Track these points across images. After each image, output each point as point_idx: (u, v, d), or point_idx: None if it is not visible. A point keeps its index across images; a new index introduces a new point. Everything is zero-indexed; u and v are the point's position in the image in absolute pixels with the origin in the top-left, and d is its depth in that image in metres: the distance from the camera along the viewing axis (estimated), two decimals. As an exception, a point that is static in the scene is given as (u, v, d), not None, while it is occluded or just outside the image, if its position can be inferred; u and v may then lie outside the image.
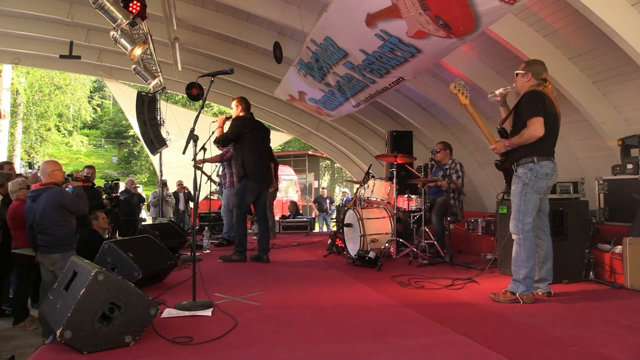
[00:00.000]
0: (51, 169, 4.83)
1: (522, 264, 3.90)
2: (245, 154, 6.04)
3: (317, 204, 16.72)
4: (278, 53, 8.45)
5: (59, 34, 9.73)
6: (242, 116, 6.17)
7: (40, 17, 9.08)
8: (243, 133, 6.02)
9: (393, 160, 6.38)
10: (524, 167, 3.94)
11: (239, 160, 6.13)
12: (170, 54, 9.50)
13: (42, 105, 25.65)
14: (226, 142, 6.12)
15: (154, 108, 10.72)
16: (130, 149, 38.01)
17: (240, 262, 6.03)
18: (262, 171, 6.15)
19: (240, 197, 6.07)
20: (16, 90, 23.77)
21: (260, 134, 6.27)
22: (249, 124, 6.16)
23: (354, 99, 7.95)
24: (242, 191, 6.06)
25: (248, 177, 6.00)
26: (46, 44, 10.44)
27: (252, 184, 6.04)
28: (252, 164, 6.02)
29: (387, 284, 4.67)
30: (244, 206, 6.08)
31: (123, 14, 6.22)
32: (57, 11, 8.70)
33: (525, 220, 3.92)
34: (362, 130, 12.16)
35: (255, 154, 6.06)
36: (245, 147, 6.04)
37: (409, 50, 5.51)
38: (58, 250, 4.63)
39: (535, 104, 3.88)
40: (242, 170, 6.04)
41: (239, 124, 6.07)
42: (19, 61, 11.95)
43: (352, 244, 6.32)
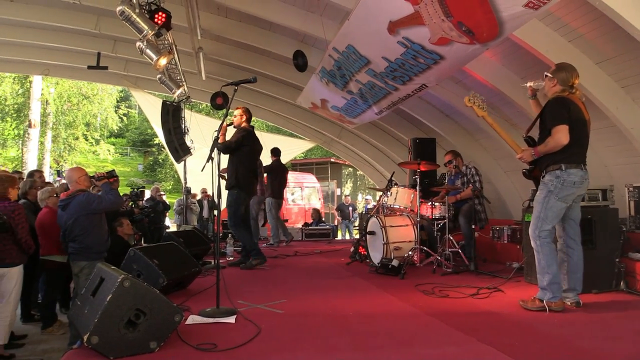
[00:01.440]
0: (77, 176, 4.93)
1: (544, 270, 3.85)
2: (240, 164, 6.23)
3: (340, 211, 16.69)
4: (300, 61, 8.50)
5: (87, 45, 9.97)
6: (247, 128, 6.35)
7: (68, 29, 9.32)
8: (244, 144, 6.20)
9: (416, 168, 6.34)
10: (551, 174, 3.88)
11: (233, 169, 6.26)
12: (195, 64, 9.64)
13: (70, 115, 26.30)
14: (228, 150, 6.21)
15: (178, 117, 10.90)
16: (155, 157, 38.63)
17: (261, 265, 6.09)
18: (252, 184, 6.47)
19: (234, 208, 6.25)
20: (46, 101, 24.44)
21: (257, 148, 6.52)
22: (252, 137, 6.36)
23: (376, 107, 7.94)
24: (235, 202, 6.25)
25: (240, 187, 6.21)
26: (74, 55, 10.70)
27: (243, 194, 6.28)
28: (245, 176, 6.24)
29: (411, 292, 4.63)
30: (239, 215, 6.30)
31: (149, 25, 6.35)
32: (85, 23, 8.93)
33: (543, 227, 3.86)
34: (385, 138, 12.12)
35: (248, 167, 6.31)
36: (242, 159, 6.25)
37: (432, 57, 5.48)
38: (86, 259, 4.70)
39: (558, 112, 3.83)
40: (234, 180, 6.21)
41: (243, 135, 6.22)
42: (49, 72, 12.28)
43: (375, 251, 6.29)
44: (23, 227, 4.60)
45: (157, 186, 14.08)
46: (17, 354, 4.73)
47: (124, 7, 6.02)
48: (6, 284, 4.50)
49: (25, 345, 5.03)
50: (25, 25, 9.25)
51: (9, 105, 24.60)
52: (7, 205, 4.57)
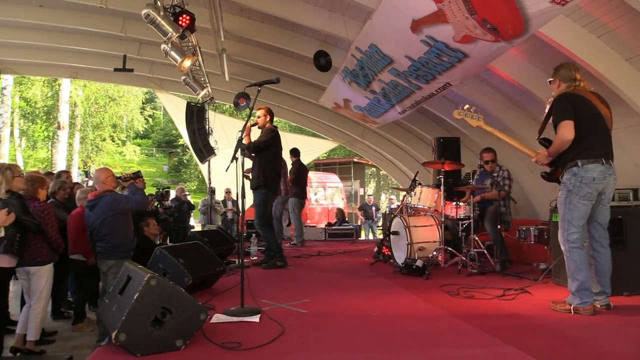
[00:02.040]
0: (104, 177, 5.03)
1: (573, 276, 3.75)
2: (267, 164, 6.26)
3: (363, 211, 16.66)
4: (322, 61, 8.51)
5: (113, 48, 10.16)
6: (274, 128, 6.39)
7: (95, 32, 9.51)
8: (272, 145, 6.24)
9: (440, 167, 6.29)
10: (568, 172, 3.78)
11: (260, 168, 6.28)
12: (218, 65, 9.74)
13: (97, 117, 26.90)
14: (257, 150, 6.24)
15: (202, 118, 11.02)
16: (180, 157, 39.16)
17: (284, 267, 6.12)
18: (278, 183, 6.52)
19: (262, 207, 6.29)
20: (74, 103, 25.02)
21: (281, 148, 6.60)
22: (278, 137, 6.40)
23: (399, 106, 7.90)
24: (262, 202, 6.29)
25: (267, 187, 6.24)
26: (101, 58, 10.92)
27: (270, 194, 6.32)
28: (272, 176, 6.28)
29: (435, 293, 4.60)
30: (267, 216, 6.37)
31: (173, 28, 6.45)
32: (111, 27, 9.10)
33: (570, 230, 3.74)
34: (408, 137, 12.04)
35: (275, 167, 6.35)
36: (269, 159, 6.28)
37: (456, 55, 5.43)
38: (114, 257, 4.79)
39: (561, 108, 3.76)
40: (262, 179, 6.24)
41: (271, 135, 6.25)
42: (77, 75, 12.57)
43: (399, 252, 6.26)
44: (53, 226, 4.73)
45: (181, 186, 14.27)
46: (47, 350, 4.85)
47: (149, 10, 6.13)
48: (38, 282, 4.63)
49: (55, 342, 5.16)
50: (54, 29, 9.49)
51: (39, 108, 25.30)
52: (37, 205, 4.70)
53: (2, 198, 4.32)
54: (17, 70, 12.63)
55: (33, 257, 4.54)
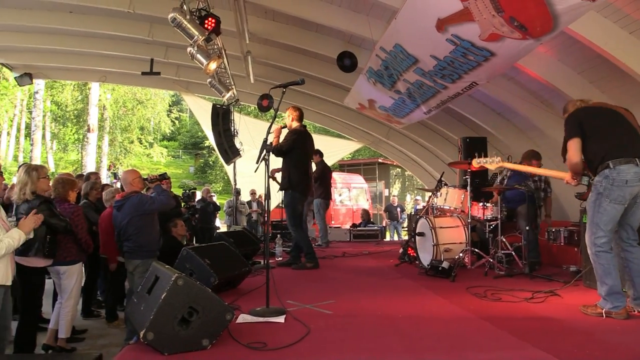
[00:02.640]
0: (132, 178, 5.15)
1: (601, 280, 3.66)
2: (292, 167, 6.26)
3: (388, 212, 16.57)
4: (347, 62, 8.50)
5: (140, 52, 10.36)
6: (298, 130, 6.36)
7: (123, 37, 9.72)
8: (295, 148, 6.22)
9: (466, 168, 6.21)
10: (600, 174, 3.65)
11: (286, 171, 6.32)
12: (243, 67, 9.82)
13: (125, 120, 27.46)
14: (279, 153, 6.27)
15: (228, 119, 11.14)
16: (206, 159, 39.65)
17: (313, 268, 6.14)
18: (306, 184, 6.40)
19: (291, 208, 6.30)
20: (103, 106, 25.60)
21: (310, 148, 6.54)
22: (304, 139, 6.36)
23: (424, 106, 7.84)
24: (291, 203, 6.29)
25: (294, 189, 6.24)
26: (129, 62, 11.15)
27: (298, 195, 6.29)
28: (298, 177, 6.24)
29: (462, 295, 4.55)
30: (298, 216, 6.37)
31: (199, 31, 6.53)
32: (139, 31, 9.28)
33: (598, 234, 3.62)
34: (434, 137, 11.94)
35: (301, 169, 6.31)
36: (294, 161, 6.27)
37: (482, 54, 5.36)
38: (139, 257, 4.89)
39: (567, 129, 3.80)
40: (287, 182, 6.26)
41: (293, 138, 6.25)
42: (106, 79, 12.87)
43: (425, 253, 6.21)
44: (82, 228, 4.85)
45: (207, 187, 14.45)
46: (78, 348, 4.98)
47: (176, 14, 6.22)
48: (68, 281, 4.76)
49: (85, 340, 5.29)
50: (84, 34, 9.72)
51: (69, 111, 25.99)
52: (67, 207, 4.82)
53: (28, 200, 4.39)
54: (48, 75, 13.00)
55: (63, 256, 4.66)
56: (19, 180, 4.46)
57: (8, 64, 11.57)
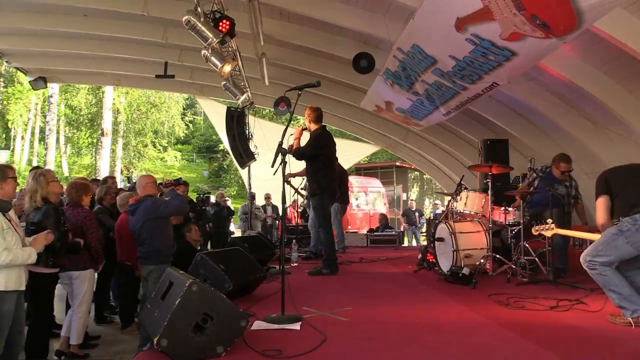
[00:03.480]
0: (145, 182, 5.21)
1: (608, 289, 3.67)
2: (318, 170, 6.29)
3: (406, 217, 16.48)
4: (364, 63, 8.49)
5: (154, 55, 10.48)
6: (321, 134, 6.38)
7: (137, 40, 9.84)
8: (321, 153, 6.25)
9: (487, 171, 6.15)
10: (631, 217, 3.62)
11: (313, 176, 6.35)
12: (258, 69, 9.88)
13: (139, 123, 27.81)
14: (301, 157, 6.29)
15: (242, 123, 11.21)
16: (220, 163, 39.92)
17: (330, 275, 6.12)
18: (334, 187, 6.45)
19: (320, 212, 6.35)
20: (117, 110, 25.95)
21: (334, 150, 6.53)
22: (327, 143, 6.37)
23: (443, 107, 7.79)
24: (320, 206, 6.34)
25: (322, 193, 6.28)
26: (143, 65, 11.29)
27: (327, 199, 6.34)
28: (326, 181, 6.28)
29: (484, 302, 4.49)
30: (328, 218, 6.40)
31: (213, 33, 6.58)
32: (153, 34, 9.40)
33: (596, 260, 3.67)
34: (453, 140, 11.87)
35: (327, 172, 6.33)
36: (320, 166, 6.30)
37: (503, 53, 5.31)
38: (153, 262, 4.92)
39: (596, 187, 3.93)
40: (315, 186, 6.29)
41: (317, 144, 6.26)
42: (119, 82, 13.06)
43: (444, 259, 6.16)
44: (93, 234, 4.88)
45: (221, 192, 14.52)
46: (91, 354, 5.03)
47: (190, 17, 6.29)
48: (79, 286, 4.80)
49: (98, 346, 5.34)
50: (98, 38, 9.87)
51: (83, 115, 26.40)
52: (79, 212, 4.88)
53: (39, 206, 4.37)
54: (63, 79, 13.23)
55: (75, 262, 4.70)
56: (29, 189, 4.42)
57: (22, 68, 11.79)
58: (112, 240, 5.81)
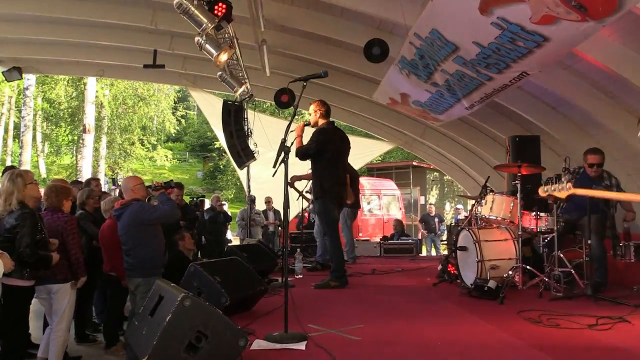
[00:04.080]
0: (133, 184, 5.20)
1: None
2: (323, 171, 6.29)
3: (424, 223, 16.46)
4: (376, 51, 8.49)
5: (142, 42, 10.52)
6: (327, 129, 6.38)
7: (123, 25, 9.88)
8: (325, 150, 6.23)
9: (516, 171, 6.14)
10: None
11: (317, 178, 6.36)
12: (258, 58, 9.90)
13: (125, 118, 27.90)
14: (305, 156, 6.29)
15: (241, 118, 11.22)
16: (215, 163, 40.03)
17: (338, 288, 6.12)
18: (340, 193, 6.43)
19: (324, 217, 6.36)
20: (100, 104, 26.04)
21: (342, 148, 6.53)
22: (334, 138, 6.37)
23: (466, 100, 7.79)
24: (324, 211, 6.33)
25: (325, 196, 6.27)
26: (130, 53, 11.34)
27: (331, 204, 6.31)
28: (330, 185, 6.27)
29: (512, 320, 4.48)
30: (333, 223, 6.39)
31: (208, 18, 6.60)
32: (140, 19, 9.43)
33: None
34: (477, 136, 11.84)
35: (333, 173, 6.32)
36: (324, 165, 6.30)
37: (534, 39, 5.30)
38: (141, 275, 4.92)
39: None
40: (318, 188, 6.31)
41: (322, 139, 6.26)
42: (103, 73, 13.10)
43: (468, 271, 6.14)
44: (74, 241, 4.85)
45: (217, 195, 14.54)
46: (71, 377, 5.04)
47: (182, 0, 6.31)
48: (59, 301, 4.78)
49: (80, 368, 5.34)
50: (79, 23, 9.92)
51: (63, 110, 26.45)
52: (60, 217, 4.87)
53: (13, 210, 4.32)
54: (40, 69, 13.29)
55: (54, 274, 4.68)
56: (3, 190, 4.40)
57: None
58: (94, 249, 5.82)
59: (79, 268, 4.89)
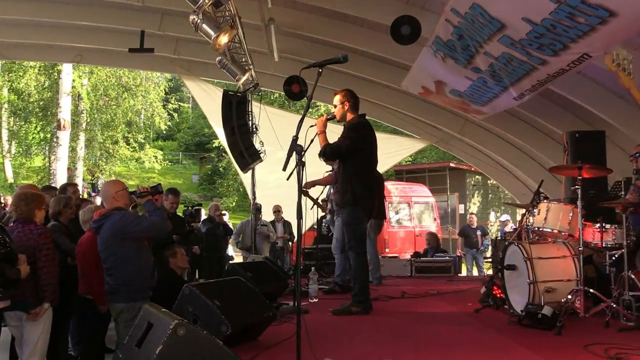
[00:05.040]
0: (114, 190, 5.19)
1: None
2: (354, 176, 6.25)
3: (464, 237, 16.41)
4: (406, 30, 8.50)
5: (127, 22, 10.63)
6: (361, 123, 6.38)
7: (105, 2, 9.99)
8: (360, 148, 6.22)
9: (576, 174, 6.10)
10: None
11: (347, 182, 6.28)
12: (264, 41, 9.93)
13: (108, 113, 28.05)
14: (337, 155, 6.28)
15: (244, 111, 11.24)
16: (214, 164, 40.23)
17: (360, 314, 6.11)
18: (372, 198, 6.43)
19: (352, 229, 6.29)
20: (77, 95, 26.20)
21: (376, 147, 6.51)
22: (369, 135, 6.36)
23: (515, 89, 7.76)
24: (353, 221, 6.28)
25: (357, 203, 6.22)
26: (113, 35, 11.44)
27: (362, 213, 6.29)
28: (363, 189, 6.23)
29: (573, 355, 4.46)
30: (362, 240, 6.33)
31: (205, -8, 6.66)
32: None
33: None
34: (528, 132, 11.80)
35: (367, 178, 6.32)
36: (357, 166, 6.27)
37: (597, 14, 5.27)
38: (124, 299, 4.93)
39: None
40: (349, 195, 6.21)
41: (356, 136, 6.24)
42: (81, 59, 13.22)
43: (517, 294, 6.11)
44: (48, 256, 4.88)
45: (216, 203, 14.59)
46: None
47: (174, -30, 6.37)
48: (32, 330, 4.82)
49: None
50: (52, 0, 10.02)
51: (33, 102, 26.57)
52: (32, 230, 4.91)
53: None
54: (6, 55, 13.46)
55: (25, 297, 4.72)
56: None
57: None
58: (70, 267, 5.84)
59: (49, 291, 4.86)
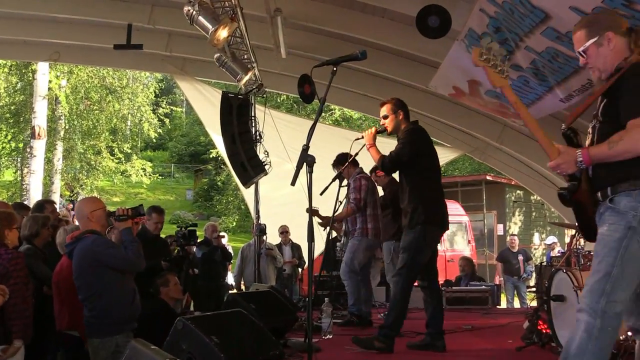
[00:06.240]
0: (89, 210, 5.21)
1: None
2: (424, 187, 6.21)
3: (504, 262, 16.35)
4: (434, 22, 8.52)
5: (112, 15, 10.69)
6: (416, 127, 6.47)
7: (87, -8, 10.10)
8: (423, 153, 6.25)
9: (633, 188, 6.08)
10: (629, 196, 3.37)
11: (415, 196, 6.19)
12: (270, 35, 9.97)
13: (89, 118, 28.06)
14: (398, 164, 6.25)
15: (246, 116, 11.27)
16: (211, 178, 40.24)
17: (384, 351, 6.07)
18: (440, 214, 6.28)
19: (415, 252, 6.10)
20: (55, 98, 26.30)
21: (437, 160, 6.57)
22: (429, 139, 6.45)
23: (561, 89, 7.76)
24: (417, 244, 6.08)
25: (429, 222, 6.08)
26: (95, 30, 11.50)
27: (435, 231, 6.23)
28: (434, 203, 6.19)
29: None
30: (415, 268, 6.18)
31: (202, -21, 6.72)
32: (110, -17, 9.65)
33: (615, 296, 3.32)
34: (578, 140, 11.73)
35: (436, 188, 6.34)
36: (423, 176, 6.25)
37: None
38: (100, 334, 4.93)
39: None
40: (421, 213, 6.06)
41: (415, 138, 6.27)
42: (59, 56, 13.26)
43: (566, 330, 6.08)
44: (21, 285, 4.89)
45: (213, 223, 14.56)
46: None
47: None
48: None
49: None
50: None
51: (3, 107, 26.67)
52: (2, 254, 4.93)
53: None
54: (-28, 53, 13.60)
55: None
56: None
57: None
58: (46, 298, 5.86)
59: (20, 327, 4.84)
